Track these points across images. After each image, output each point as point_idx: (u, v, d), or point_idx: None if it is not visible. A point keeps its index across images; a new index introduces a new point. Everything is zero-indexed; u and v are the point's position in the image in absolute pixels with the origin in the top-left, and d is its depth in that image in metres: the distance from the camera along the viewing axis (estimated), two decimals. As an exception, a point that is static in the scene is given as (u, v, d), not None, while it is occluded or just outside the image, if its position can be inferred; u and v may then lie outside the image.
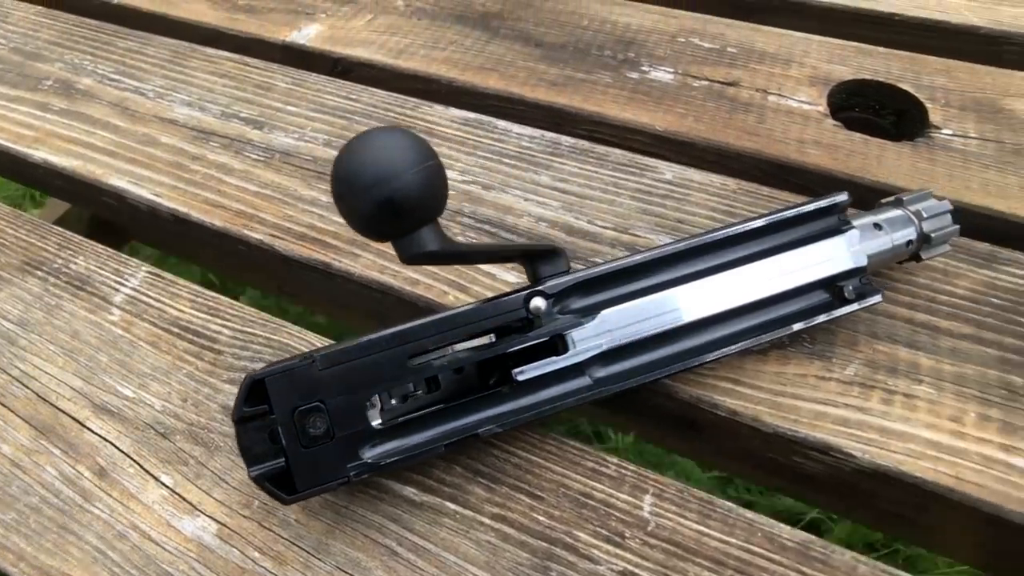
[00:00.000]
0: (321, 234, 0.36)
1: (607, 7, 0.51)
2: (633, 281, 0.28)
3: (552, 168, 0.39)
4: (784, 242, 0.29)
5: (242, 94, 0.44)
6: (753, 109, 0.43)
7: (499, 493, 0.28)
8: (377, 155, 0.21)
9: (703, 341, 0.28)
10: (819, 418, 0.29)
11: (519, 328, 0.26)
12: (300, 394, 0.25)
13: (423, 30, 0.49)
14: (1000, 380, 0.30)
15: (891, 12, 0.50)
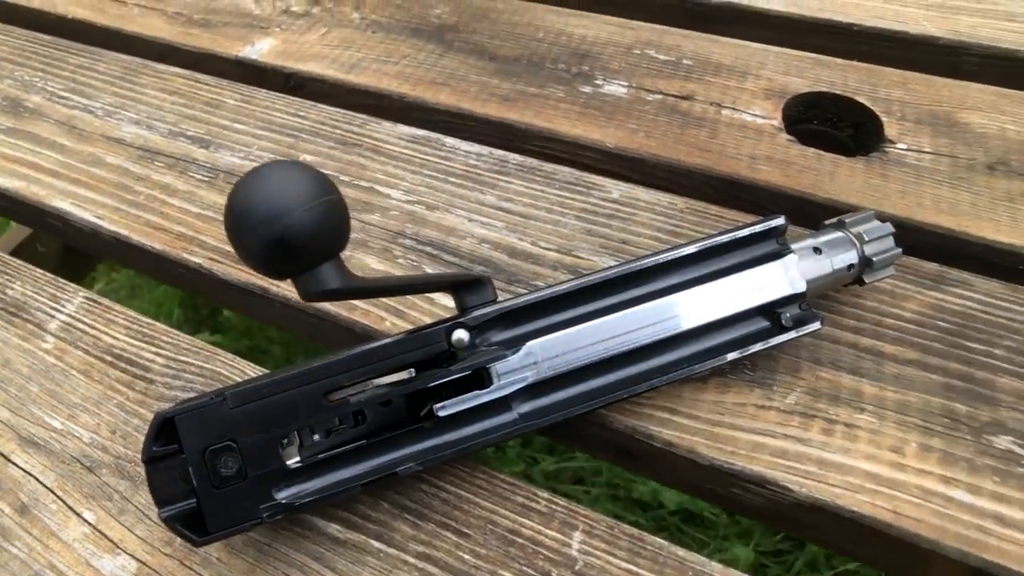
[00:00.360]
0: (260, 258, 0.35)
1: (563, 19, 0.50)
2: (561, 311, 0.26)
3: (498, 187, 0.38)
4: (720, 268, 0.28)
5: (190, 112, 0.43)
6: (706, 124, 0.41)
7: (425, 530, 0.26)
8: (269, 191, 0.20)
9: (634, 372, 0.27)
10: (757, 450, 0.27)
11: (441, 361, 0.25)
12: (211, 433, 0.24)
13: (377, 44, 0.48)
14: (943, 408, 0.29)
15: (849, 22, 0.48)
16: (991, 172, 0.39)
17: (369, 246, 0.35)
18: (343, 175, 0.39)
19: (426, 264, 0.34)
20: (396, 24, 0.50)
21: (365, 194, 0.38)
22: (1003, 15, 0.48)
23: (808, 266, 0.29)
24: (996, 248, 0.35)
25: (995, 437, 0.28)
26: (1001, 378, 0.30)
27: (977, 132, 0.41)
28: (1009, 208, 0.37)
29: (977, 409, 0.29)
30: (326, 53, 0.47)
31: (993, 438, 0.28)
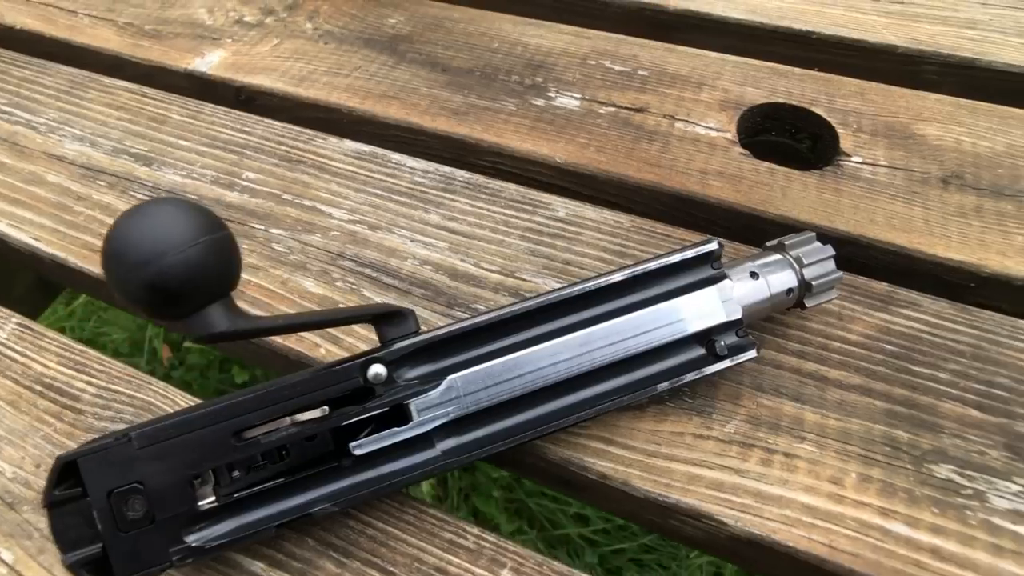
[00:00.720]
0: (196, 281, 0.33)
1: (519, 28, 0.48)
2: (484, 343, 0.25)
3: (443, 205, 0.36)
4: (652, 295, 0.27)
5: (136, 128, 0.41)
6: (658, 137, 0.40)
7: (350, 568, 0.25)
8: (143, 233, 0.19)
9: (562, 405, 0.25)
10: (692, 482, 0.26)
11: (358, 397, 0.24)
12: (116, 475, 0.22)
13: (328, 55, 0.46)
14: (885, 435, 0.28)
15: (808, 31, 0.47)
16: (945, 186, 0.37)
17: (308, 268, 0.34)
18: (286, 193, 0.37)
19: (364, 287, 0.33)
20: (349, 34, 0.48)
21: (307, 213, 0.36)
22: (963, 22, 0.47)
23: (744, 291, 0.27)
24: (947, 265, 0.34)
25: (936, 466, 0.27)
26: (944, 403, 0.28)
27: (933, 144, 0.40)
28: (961, 224, 0.35)
29: (919, 436, 0.27)
30: (276, 65, 0.45)
31: (934, 467, 0.27)
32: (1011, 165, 0.38)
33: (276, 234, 0.35)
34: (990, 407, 0.28)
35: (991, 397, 0.29)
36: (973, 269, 0.34)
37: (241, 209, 0.36)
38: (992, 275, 0.34)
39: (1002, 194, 0.37)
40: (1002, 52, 0.44)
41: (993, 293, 0.34)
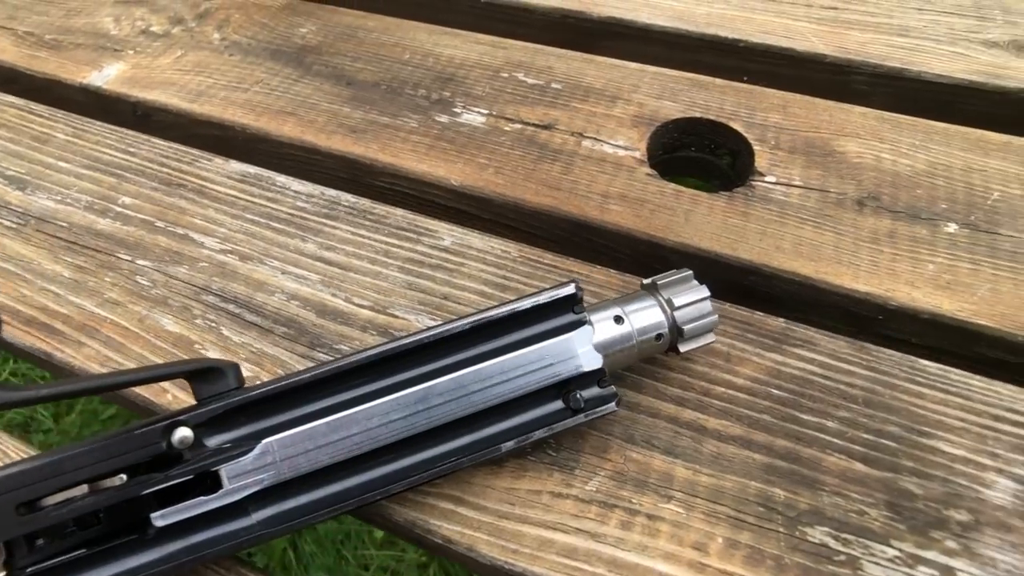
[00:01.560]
0: (52, 318, 0.31)
1: (435, 38, 0.45)
2: (308, 402, 0.23)
3: (322, 234, 0.34)
4: (503, 344, 0.24)
5: (15, 148, 0.39)
6: (562, 157, 0.37)
7: None
8: None
9: (395, 468, 0.23)
10: (543, 547, 0.24)
11: (161, 464, 0.21)
12: None
13: (231, 68, 0.43)
14: (760, 494, 0.25)
15: (735, 39, 0.44)
16: (860, 208, 0.35)
17: (169, 304, 0.31)
18: (160, 220, 0.35)
19: (224, 326, 0.30)
20: (257, 45, 0.45)
21: (178, 243, 0.34)
22: (896, 30, 0.44)
23: (607, 338, 0.25)
24: (853, 297, 0.31)
25: (810, 528, 0.24)
26: (829, 456, 0.26)
27: (852, 162, 0.37)
28: (872, 250, 0.33)
29: (797, 495, 0.25)
30: (175, 79, 0.43)
31: (808, 529, 0.24)
32: (930, 185, 0.35)
33: (142, 266, 0.33)
34: (876, 459, 0.26)
35: (878, 448, 0.26)
36: (880, 302, 0.31)
37: (110, 238, 0.34)
38: (899, 308, 0.31)
39: (918, 217, 0.34)
40: (932, 62, 0.41)
41: (901, 327, 0.32)
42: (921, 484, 0.25)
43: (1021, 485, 0.25)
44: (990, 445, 0.26)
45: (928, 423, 0.27)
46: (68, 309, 0.31)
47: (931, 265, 0.32)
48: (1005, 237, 0.33)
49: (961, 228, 0.34)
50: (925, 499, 0.25)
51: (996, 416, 0.27)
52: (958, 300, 0.31)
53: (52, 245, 0.34)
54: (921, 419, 0.27)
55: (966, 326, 0.30)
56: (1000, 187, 0.35)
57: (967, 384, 0.28)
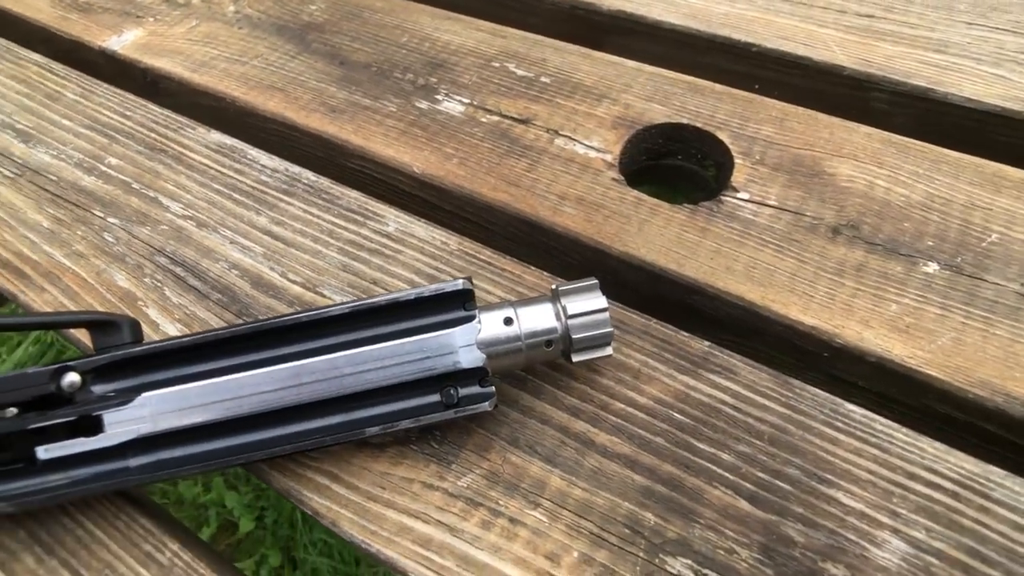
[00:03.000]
0: (23, 263, 0.37)
1: (436, 22, 0.48)
2: (189, 364, 0.26)
3: (276, 208, 0.38)
4: (386, 332, 0.27)
5: (29, 103, 0.45)
6: (530, 154, 0.40)
7: (47, 566, 0.27)
8: None
9: (263, 437, 0.26)
10: (401, 533, 0.27)
11: (51, 403, 0.26)
12: None
13: (237, 41, 0.48)
14: (629, 516, 0.26)
15: (748, 42, 0.44)
16: (833, 236, 0.35)
17: (125, 261, 0.36)
18: (136, 182, 0.40)
19: (168, 287, 0.35)
20: (266, 20, 0.50)
21: (147, 205, 0.39)
22: (933, 44, 0.43)
23: (492, 337, 0.27)
24: (797, 329, 0.32)
25: (672, 558, 0.25)
26: (714, 489, 0.27)
27: (840, 186, 0.37)
28: (832, 283, 0.33)
29: (668, 523, 0.26)
30: (183, 49, 0.48)
31: (669, 559, 0.25)
32: (921, 219, 0.35)
33: (111, 223, 0.38)
34: (763, 500, 0.27)
35: (770, 489, 0.27)
36: (825, 338, 0.31)
37: (90, 195, 0.39)
38: (844, 347, 0.31)
39: (896, 252, 0.34)
40: (964, 83, 0.40)
41: (847, 367, 0.32)
42: (804, 532, 0.26)
43: (913, 550, 0.25)
44: (894, 503, 0.26)
45: (833, 471, 0.27)
46: (39, 256, 0.37)
47: (895, 305, 0.32)
48: (989, 284, 0.32)
49: (942, 269, 0.33)
50: (804, 548, 0.25)
51: (910, 474, 0.27)
52: (913, 346, 0.31)
53: (39, 197, 0.40)
54: (827, 465, 0.27)
55: (913, 374, 0.30)
56: (1002, 229, 0.34)
57: (889, 436, 0.28)
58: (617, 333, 0.31)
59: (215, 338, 0.26)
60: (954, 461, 0.27)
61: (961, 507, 0.26)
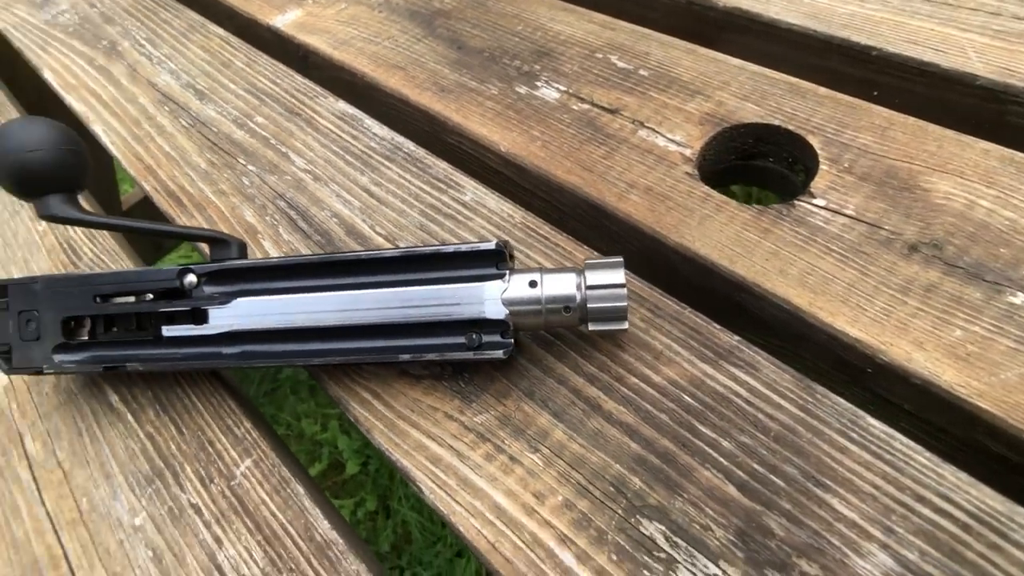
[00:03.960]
0: (183, 194, 0.47)
1: (552, 12, 0.53)
2: (276, 280, 0.33)
3: (377, 171, 0.44)
4: (427, 277, 0.32)
5: (208, 68, 0.56)
6: (611, 142, 0.43)
7: (161, 420, 0.36)
8: (14, 135, 0.31)
9: (324, 347, 0.33)
10: (418, 449, 0.32)
11: (172, 295, 0.34)
12: (25, 302, 0.36)
13: (375, 23, 0.56)
14: (617, 477, 0.29)
15: (868, 45, 0.44)
16: (909, 253, 0.34)
17: (254, 201, 0.45)
18: (274, 139, 0.49)
19: (282, 226, 0.43)
20: (402, 6, 0.58)
21: (278, 158, 0.47)
22: (1085, 57, 0.39)
23: (516, 296, 0.31)
24: (841, 340, 0.32)
25: (647, 521, 0.28)
26: (705, 470, 0.29)
27: (933, 202, 0.36)
28: (892, 299, 0.33)
29: (652, 490, 0.29)
30: (330, 28, 0.57)
31: (645, 521, 0.28)
32: (1021, 247, 0.34)
33: (250, 170, 0.47)
34: (752, 490, 0.28)
35: (763, 481, 0.28)
36: (869, 352, 0.32)
37: (238, 146, 0.49)
38: (888, 364, 0.31)
39: (979, 277, 0.33)
40: (1110, 102, 0.37)
41: (891, 387, 0.32)
42: (786, 527, 0.27)
43: (900, 568, 0.26)
44: (892, 520, 0.27)
45: (834, 477, 0.28)
46: (194, 190, 0.47)
47: (959, 331, 0.32)
48: (1075, 321, 0.31)
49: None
50: (781, 541, 0.27)
51: (920, 496, 0.27)
52: (968, 375, 0.30)
53: (202, 144, 0.50)
54: (828, 471, 0.28)
55: (960, 403, 0.30)
56: (1110, 264, 0.32)
57: (907, 456, 0.28)
58: (648, 316, 0.34)
59: (297, 262, 0.33)
60: (975, 494, 0.27)
61: (969, 539, 0.26)
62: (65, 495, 0.35)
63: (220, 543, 0.32)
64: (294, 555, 0.31)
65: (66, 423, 0.38)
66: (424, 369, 0.34)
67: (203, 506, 0.33)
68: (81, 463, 0.36)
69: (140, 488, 0.34)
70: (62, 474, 0.36)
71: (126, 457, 0.36)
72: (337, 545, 0.30)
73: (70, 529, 0.34)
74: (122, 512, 0.34)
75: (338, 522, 0.32)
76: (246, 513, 0.32)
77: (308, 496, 0.32)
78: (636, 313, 0.34)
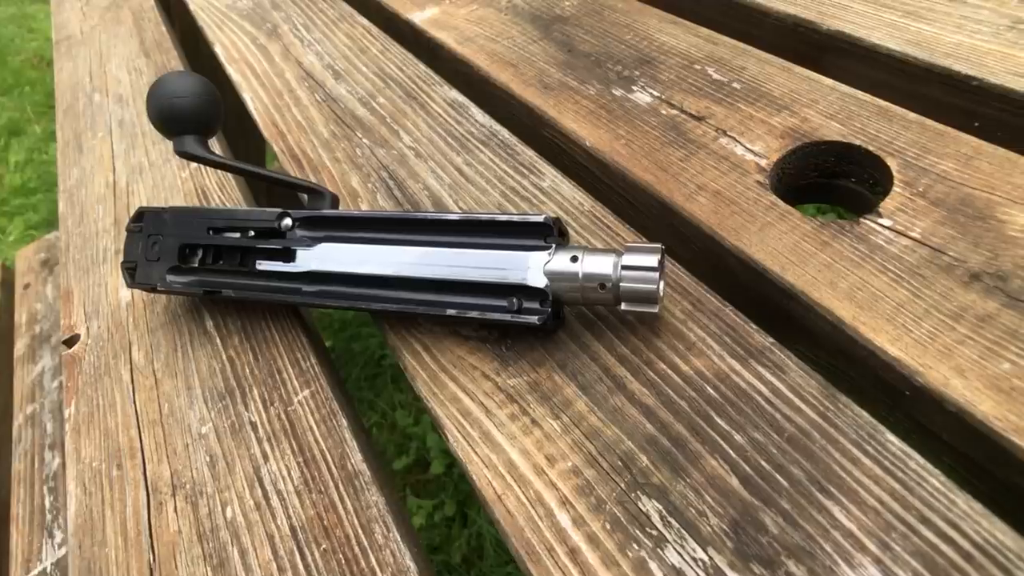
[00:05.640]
0: (303, 157, 0.51)
1: (662, 25, 0.53)
2: (359, 230, 0.36)
3: (471, 153, 0.46)
4: (481, 242, 0.34)
5: (347, 53, 0.61)
6: (690, 147, 0.42)
7: (243, 346, 0.40)
8: (165, 82, 0.35)
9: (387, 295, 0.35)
10: (452, 401, 0.33)
11: (269, 234, 0.38)
12: (155, 228, 0.41)
13: (499, 24, 0.58)
14: (626, 453, 0.29)
15: (970, 75, 0.40)
16: (970, 282, 0.32)
17: (362, 170, 0.48)
18: (390, 117, 0.52)
19: (379, 193, 0.46)
20: (527, 10, 0.59)
21: (390, 134, 0.50)
22: None
23: (557, 268, 0.32)
24: (879, 357, 0.31)
25: (647, 498, 0.28)
26: (712, 459, 0.28)
27: (1007, 234, 0.33)
28: (941, 324, 0.31)
29: (657, 470, 0.29)
30: (459, 25, 0.60)
31: (644, 498, 0.28)
32: (1094, 289, 0.30)
33: (364, 143, 0.50)
34: (755, 485, 0.27)
35: (767, 478, 0.27)
36: (907, 373, 0.30)
37: (359, 121, 0.53)
38: (924, 387, 0.29)
39: (1040, 315, 0.30)
40: None
41: (927, 413, 0.30)
42: (781, 526, 0.26)
43: (887, 582, 0.24)
44: (892, 537, 0.25)
45: (840, 486, 0.27)
46: (314, 155, 0.51)
47: (1008, 364, 0.29)
48: None
49: (1092, 345, 0.28)
50: (773, 539, 0.26)
51: (924, 518, 0.25)
52: (1007, 409, 0.28)
53: (328, 117, 0.54)
54: (835, 479, 0.27)
55: (994, 437, 0.27)
56: None
57: (921, 477, 0.26)
58: (689, 309, 0.34)
59: (374, 216, 0.36)
60: (986, 525, 0.25)
61: (969, 569, 0.24)
62: (152, 399, 0.40)
63: (266, 458, 0.35)
64: (325, 479, 0.33)
65: (167, 339, 0.43)
66: (473, 331, 0.36)
67: (259, 424, 0.36)
68: (171, 374, 0.41)
69: (212, 402, 0.39)
70: (154, 381, 0.41)
71: (207, 374, 0.40)
72: (364, 476, 0.33)
73: (150, 428, 0.39)
74: (193, 420, 0.38)
75: (370, 456, 0.34)
76: (294, 436, 0.35)
77: (349, 429, 0.35)
78: (678, 305, 0.34)
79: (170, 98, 0.36)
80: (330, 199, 0.38)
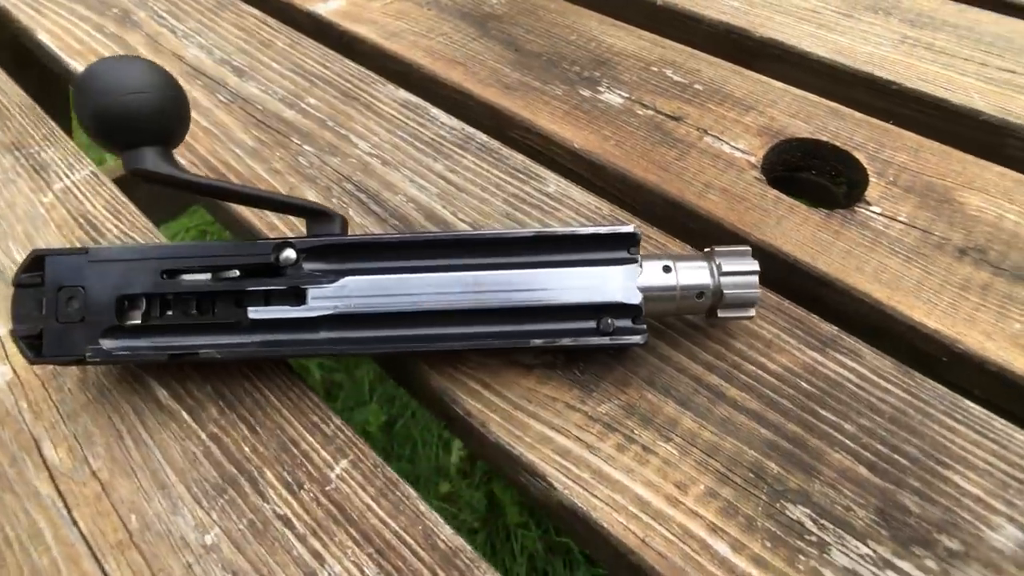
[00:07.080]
0: (228, 171, 0.41)
1: (603, 27, 0.51)
2: (387, 259, 0.29)
3: (451, 159, 0.41)
4: (556, 259, 0.29)
5: (245, 46, 0.50)
6: (680, 146, 0.41)
7: (227, 418, 0.30)
8: (104, 74, 0.24)
9: (438, 332, 0.28)
10: (543, 442, 0.28)
11: (266, 272, 0.29)
12: (67, 276, 0.28)
13: (425, 19, 0.52)
14: (754, 463, 0.27)
15: (889, 79, 0.45)
16: (960, 256, 0.35)
17: (316, 182, 0.39)
18: (330, 120, 0.44)
19: (352, 208, 0.38)
20: (451, 6, 0.54)
21: (338, 140, 0.42)
22: (1075, 103, 0.42)
23: (650, 281, 0.29)
24: (920, 331, 0.32)
25: (792, 505, 0.26)
26: (835, 453, 0.28)
27: (970, 214, 0.37)
28: (956, 295, 0.33)
29: (790, 474, 0.27)
30: (378, 20, 0.52)
31: (789, 505, 0.26)
32: (1053, 256, 0.35)
33: (306, 150, 0.42)
34: (882, 470, 0.27)
35: (889, 461, 0.27)
36: (947, 342, 0.32)
37: (290, 125, 0.43)
38: (965, 352, 0.31)
39: (1022, 279, 0.34)
40: (1105, 141, 0.40)
41: (965, 375, 0.32)
42: (920, 504, 0.26)
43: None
44: (1010, 494, 0.26)
45: (951, 455, 0.28)
46: (242, 167, 0.41)
47: (1018, 324, 0.32)
48: (1117, 322, 0.32)
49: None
50: (919, 518, 0.26)
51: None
52: (1036, 364, 0.31)
53: (246, 121, 0.44)
54: (944, 449, 0.28)
55: (1036, 390, 0.30)
56: None
57: (1009, 434, 0.28)
58: (752, 306, 0.33)
59: (412, 240, 0.29)
60: (1072, 470, 0.27)
61: (1076, 512, 0.26)
62: (105, 512, 0.28)
63: (321, 559, 0.26)
64: (416, 567, 0.25)
65: (99, 425, 0.30)
66: (535, 358, 0.31)
67: (293, 516, 0.27)
68: (124, 472, 0.29)
69: (208, 499, 0.28)
70: (99, 486, 0.28)
71: (185, 463, 0.29)
72: (465, 552, 0.26)
73: (116, 553, 0.26)
74: (187, 529, 0.27)
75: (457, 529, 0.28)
76: (349, 522, 0.27)
77: (421, 499, 0.28)
78: (737, 305, 0.33)
79: (119, 95, 0.25)
80: (340, 221, 0.30)
